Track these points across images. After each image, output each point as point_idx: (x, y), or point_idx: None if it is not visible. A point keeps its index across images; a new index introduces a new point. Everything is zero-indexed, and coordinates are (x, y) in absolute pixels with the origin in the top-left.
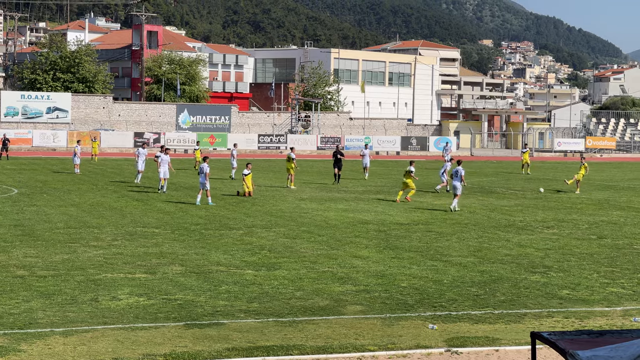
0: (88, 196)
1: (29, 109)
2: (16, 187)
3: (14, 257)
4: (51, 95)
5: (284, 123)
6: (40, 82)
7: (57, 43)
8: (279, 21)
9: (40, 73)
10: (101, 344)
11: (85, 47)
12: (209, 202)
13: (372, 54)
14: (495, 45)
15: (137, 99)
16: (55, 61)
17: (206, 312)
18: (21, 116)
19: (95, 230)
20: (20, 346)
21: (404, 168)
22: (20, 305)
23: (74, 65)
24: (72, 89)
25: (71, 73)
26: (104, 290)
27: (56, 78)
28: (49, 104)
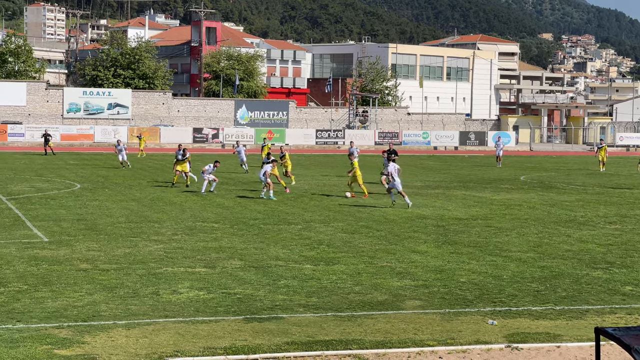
0: (148, 191)
1: (91, 105)
2: (79, 182)
3: (78, 250)
4: (112, 91)
5: (341, 118)
6: (101, 79)
7: (117, 40)
8: (337, 16)
9: (101, 70)
10: (162, 336)
11: (145, 44)
12: (270, 196)
13: (430, 48)
14: (556, 38)
15: (196, 94)
16: (116, 58)
17: (265, 306)
18: (83, 112)
19: (155, 225)
20: (84, 338)
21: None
22: (83, 298)
23: (134, 61)
24: (133, 85)
25: (131, 69)
26: (165, 284)
27: (117, 74)
28: (110, 100)
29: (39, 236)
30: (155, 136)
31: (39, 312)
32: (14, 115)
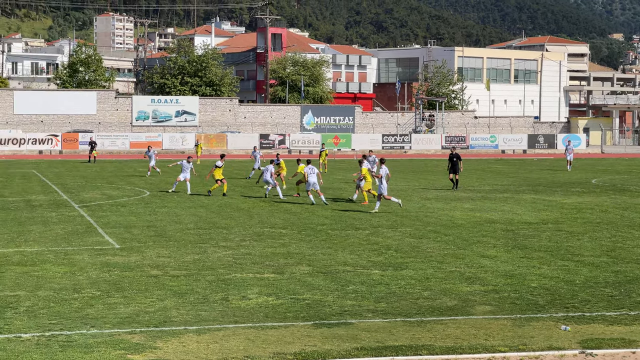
0: (216, 197)
1: (159, 113)
2: (148, 189)
3: (148, 257)
4: (180, 99)
5: (407, 123)
6: (169, 87)
7: (184, 48)
8: (402, 20)
9: (169, 77)
10: (233, 342)
11: (212, 51)
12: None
13: (497, 51)
14: (627, 39)
15: (262, 101)
16: (183, 65)
17: (334, 311)
18: (151, 120)
19: (224, 231)
20: (156, 344)
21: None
22: (154, 304)
23: (201, 69)
24: (200, 92)
25: (198, 77)
26: (234, 290)
27: (184, 82)
28: (178, 108)
29: (110, 243)
30: (222, 143)
31: (111, 317)
32: (84, 124)
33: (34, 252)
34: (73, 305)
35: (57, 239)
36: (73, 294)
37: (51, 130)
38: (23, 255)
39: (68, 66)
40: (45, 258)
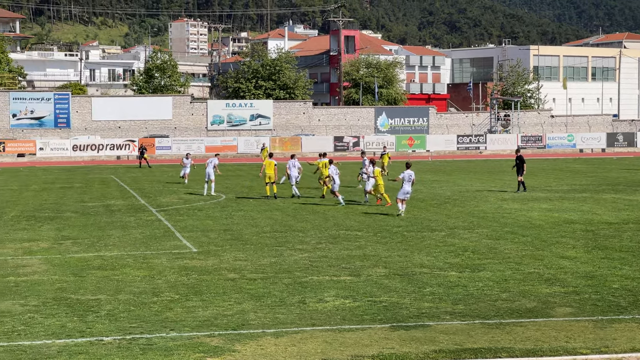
0: (292, 200)
1: (234, 117)
2: (224, 193)
3: (225, 260)
4: (254, 102)
5: (482, 123)
6: (243, 91)
7: (258, 52)
8: (475, 20)
9: (243, 81)
10: (310, 345)
11: (285, 55)
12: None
13: (573, 49)
14: None
15: (336, 103)
16: (257, 69)
17: (411, 313)
18: (226, 124)
19: (300, 234)
20: (234, 346)
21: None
22: (232, 307)
23: (275, 72)
24: (274, 96)
25: (272, 80)
26: (311, 293)
27: (258, 86)
28: (252, 112)
29: (188, 247)
30: (296, 146)
31: (190, 321)
32: (160, 129)
33: (113, 256)
34: (153, 309)
35: (136, 243)
36: (152, 298)
37: (128, 135)
38: (103, 259)
39: (144, 72)
40: (124, 262)
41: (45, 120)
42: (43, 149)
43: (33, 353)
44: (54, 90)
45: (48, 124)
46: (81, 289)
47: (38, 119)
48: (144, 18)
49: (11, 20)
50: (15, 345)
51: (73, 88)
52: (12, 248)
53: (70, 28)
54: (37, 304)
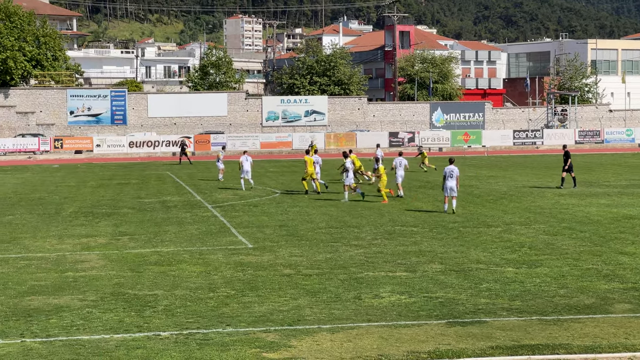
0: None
1: (288, 113)
2: (279, 189)
3: (281, 256)
4: (309, 98)
5: (539, 118)
6: (298, 87)
7: (313, 48)
8: (532, 14)
9: (297, 78)
10: (366, 340)
11: (340, 51)
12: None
13: (632, 42)
14: None
15: (391, 99)
16: (311, 65)
17: (468, 310)
18: (281, 120)
19: (355, 230)
20: (290, 342)
21: None
22: (288, 303)
23: (330, 68)
24: (328, 91)
25: (327, 76)
26: (367, 288)
27: (313, 82)
28: (307, 107)
29: (243, 242)
30: (351, 142)
31: (246, 316)
32: (216, 125)
33: (170, 252)
34: (209, 304)
35: (192, 239)
36: (209, 293)
37: (184, 132)
38: (160, 255)
39: (199, 69)
40: (181, 258)
41: (102, 117)
42: (100, 146)
43: (92, 347)
44: (111, 88)
45: (105, 120)
46: (138, 285)
47: (95, 116)
48: (199, 15)
49: (68, 18)
50: (74, 340)
51: (129, 85)
52: (71, 244)
53: (127, 25)
54: (95, 299)
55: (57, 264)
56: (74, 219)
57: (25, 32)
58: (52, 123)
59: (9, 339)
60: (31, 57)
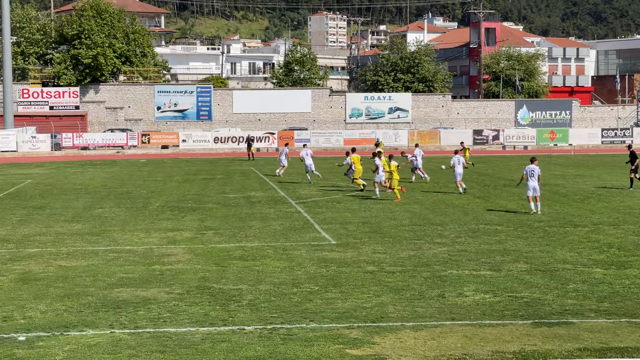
0: (431, 194)
1: (372, 110)
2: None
3: (364, 253)
4: (392, 95)
5: (629, 116)
6: (381, 84)
7: (397, 45)
8: (622, 10)
9: (381, 74)
10: (450, 339)
11: (424, 47)
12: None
13: None
14: None
15: (475, 96)
16: (395, 62)
17: (554, 310)
18: (365, 117)
19: (438, 228)
20: (373, 339)
21: None
22: (371, 300)
23: (414, 65)
24: (412, 89)
25: (411, 73)
26: (450, 287)
27: (397, 79)
28: (390, 104)
29: (327, 239)
30: (435, 139)
31: (330, 312)
32: (299, 122)
33: (254, 247)
34: (293, 300)
35: (276, 234)
36: (292, 289)
37: (268, 128)
38: (244, 250)
39: (284, 65)
40: (265, 253)
41: (188, 112)
42: (186, 141)
43: (178, 340)
44: (197, 84)
45: (190, 116)
46: (223, 279)
47: (181, 112)
48: (284, 12)
49: (156, 15)
50: (161, 332)
51: (215, 81)
52: (158, 237)
53: (213, 22)
54: (182, 292)
55: (144, 256)
56: (160, 213)
57: (115, 29)
58: (139, 118)
59: (98, 329)
60: (120, 53)
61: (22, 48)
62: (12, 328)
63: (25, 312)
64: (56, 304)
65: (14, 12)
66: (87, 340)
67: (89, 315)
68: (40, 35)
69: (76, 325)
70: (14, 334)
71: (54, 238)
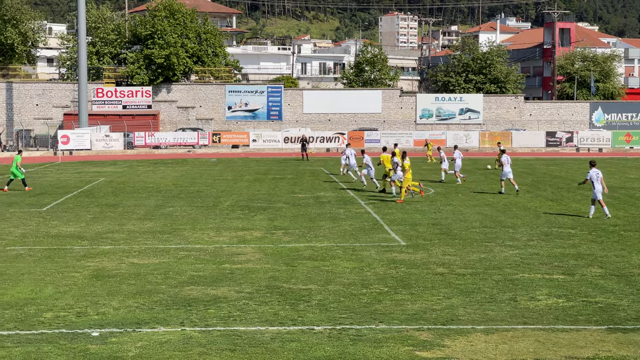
0: (501, 196)
1: (443, 111)
2: (432, 187)
3: (434, 254)
4: (463, 96)
5: None
6: (452, 84)
7: (469, 45)
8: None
9: (452, 75)
10: (522, 343)
11: (497, 48)
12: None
13: None
14: None
15: (549, 97)
16: (467, 63)
17: (629, 316)
18: (435, 118)
19: (510, 230)
20: (443, 341)
21: None
22: (441, 302)
23: (486, 66)
24: (484, 90)
25: (483, 74)
26: (522, 290)
27: (468, 80)
28: (461, 106)
29: (396, 240)
30: (506, 141)
31: (399, 314)
32: (369, 122)
33: (323, 247)
34: (362, 300)
35: (345, 235)
36: (361, 289)
37: (337, 128)
38: (314, 250)
39: (354, 66)
40: (334, 253)
41: (258, 112)
42: (256, 141)
43: (248, 338)
44: (267, 84)
45: (261, 116)
46: (293, 279)
47: (252, 111)
48: (354, 12)
49: (228, 16)
50: (231, 330)
51: (285, 81)
52: (228, 236)
53: (284, 22)
54: (251, 291)
55: (214, 255)
56: (230, 212)
57: (187, 29)
58: (210, 118)
59: (169, 326)
60: (192, 53)
61: (97, 48)
62: (86, 324)
63: (98, 308)
64: (128, 300)
65: (90, 12)
66: (159, 337)
67: (160, 312)
68: (114, 35)
69: (148, 322)
70: (87, 329)
71: (126, 236)
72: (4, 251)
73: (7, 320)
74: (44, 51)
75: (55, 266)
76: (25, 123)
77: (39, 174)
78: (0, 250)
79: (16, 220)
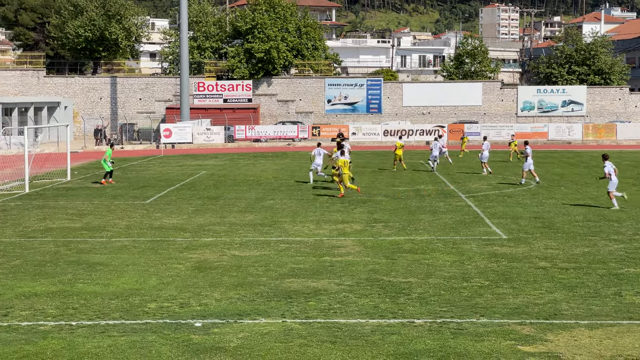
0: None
1: (545, 103)
2: (533, 180)
3: (536, 248)
4: (566, 88)
5: None
6: (555, 76)
7: (572, 36)
8: None
9: (555, 67)
10: (628, 339)
11: (601, 39)
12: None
13: None
14: None
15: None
16: (570, 54)
17: None
18: (537, 110)
19: (615, 224)
20: (546, 336)
21: None
22: (544, 296)
23: (590, 57)
24: (587, 81)
25: (586, 65)
26: (628, 285)
27: (571, 71)
28: (564, 97)
29: (497, 233)
30: (611, 133)
31: (500, 307)
32: (470, 115)
33: (423, 240)
34: (462, 294)
35: (446, 228)
36: (462, 283)
37: (437, 121)
38: (414, 243)
39: (454, 58)
40: (434, 247)
41: (357, 105)
42: (355, 134)
43: (348, 331)
44: (367, 77)
45: (360, 109)
46: (393, 272)
47: (351, 105)
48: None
49: (327, 9)
50: (331, 322)
51: (385, 74)
52: (328, 229)
53: (383, 15)
54: (351, 284)
55: (315, 248)
56: (330, 205)
57: (287, 23)
58: (310, 111)
59: (270, 318)
60: (292, 47)
61: (198, 42)
62: (189, 314)
63: (201, 299)
64: (230, 292)
65: (191, 7)
66: (260, 329)
67: (261, 304)
68: (215, 29)
69: (249, 314)
70: (190, 319)
71: (227, 228)
72: (109, 242)
73: (113, 310)
74: (147, 46)
75: (158, 257)
76: (128, 117)
77: (142, 167)
78: (106, 242)
79: (120, 212)
